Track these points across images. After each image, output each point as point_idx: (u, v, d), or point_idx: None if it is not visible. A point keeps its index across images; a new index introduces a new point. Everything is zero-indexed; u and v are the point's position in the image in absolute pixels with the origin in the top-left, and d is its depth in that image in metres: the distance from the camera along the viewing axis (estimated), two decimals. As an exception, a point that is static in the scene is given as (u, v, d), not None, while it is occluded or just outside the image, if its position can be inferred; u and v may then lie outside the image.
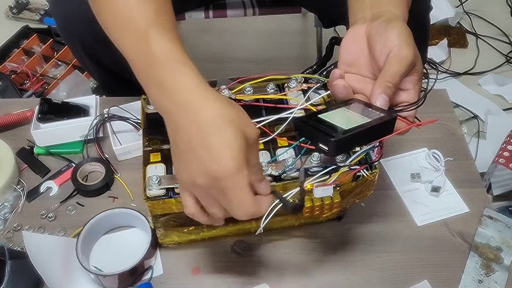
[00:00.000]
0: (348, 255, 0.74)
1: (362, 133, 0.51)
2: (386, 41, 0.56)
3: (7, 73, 1.49)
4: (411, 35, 0.57)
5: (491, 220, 0.78)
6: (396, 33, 0.56)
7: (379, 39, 0.57)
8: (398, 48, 0.55)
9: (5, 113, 0.90)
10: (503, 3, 1.89)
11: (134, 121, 0.85)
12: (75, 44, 0.97)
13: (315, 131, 0.52)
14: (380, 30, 0.57)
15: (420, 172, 0.83)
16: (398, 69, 0.55)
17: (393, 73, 0.55)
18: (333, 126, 0.52)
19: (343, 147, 0.53)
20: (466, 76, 1.65)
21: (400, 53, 0.55)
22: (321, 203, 0.63)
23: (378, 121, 0.53)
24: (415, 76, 0.57)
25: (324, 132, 0.51)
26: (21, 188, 0.81)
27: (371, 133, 0.53)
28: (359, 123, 0.52)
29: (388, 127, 0.55)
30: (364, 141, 0.56)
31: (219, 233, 0.73)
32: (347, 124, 0.52)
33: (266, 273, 0.72)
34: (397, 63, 0.55)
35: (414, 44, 0.56)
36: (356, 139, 0.52)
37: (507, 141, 1.21)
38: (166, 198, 0.62)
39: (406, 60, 0.55)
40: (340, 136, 0.50)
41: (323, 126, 0.52)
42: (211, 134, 0.47)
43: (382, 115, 0.53)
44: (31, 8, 1.87)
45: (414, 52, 0.55)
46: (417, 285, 0.71)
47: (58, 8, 0.92)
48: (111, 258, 0.72)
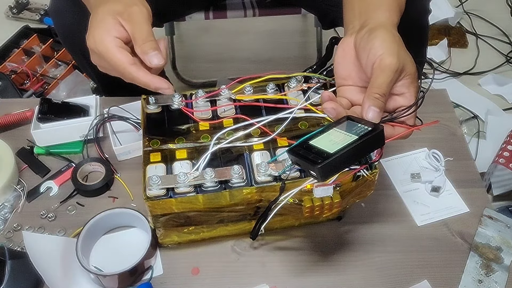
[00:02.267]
0: (348, 255, 0.74)
1: (349, 153, 0.53)
2: (369, 52, 0.57)
3: (7, 73, 1.49)
4: (395, 41, 0.57)
5: (491, 220, 0.78)
6: (378, 43, 0.57)
7: (363, 51, 0.58)
8: (381, 59, 0.56)
9: (5, 113, 0.90)
10: (503, 3, 1.89)
11: (134, 121, 0.85)
12: (76, 52, 0.99)
13: (305, 159, 0.54)
14: (363, 42, 0.58)
15: (420, 172, 0.83)
16: (383, 79, 0.55)
17: (379, 84, 0.55)
18: (320, 152, 0.53)
19: (332, 170, 0.54)
20: (466, 76, 1.65)
21: (383, 63, 0.55)
22: (321, 203, 0.63)
23: (364, 137, 0.53)
24: (407, 80, 0.57)
25: (311, 160, 0.53)
26: (21, 188, 0.81)
27: (360, 149, 0.54)
28: (346, 143, 0.53)
29: (378, 139, 0.55)
30: (354, 158, 0.57)
31: (219, 233, 0.73)
32: (334, 146, 0.53)
33: (266, 273, 0.72)
34: (381, 73, 0.55)
35: (398, 50, 0.57)
36: (343, 160, 0.53)
37: (507, 141, 1.22)
38: (166, 198, 0.62)
39: (390, 69, 0.55)
40: (325, 162, 0.52)
41: (312, 153, 0.54)
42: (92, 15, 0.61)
43: (369, 129, 0.54)
44: (31, 8, 1.87)
45: (398, 59, 0.56)
46: (417, 285, 0.71)
47: (59, 17, 0.93)
48: (111, 258, 0.72)
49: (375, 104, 0.55)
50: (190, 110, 0.71)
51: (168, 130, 0.70)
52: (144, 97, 0.73)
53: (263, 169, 0.63)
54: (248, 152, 0.67)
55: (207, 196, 0.63)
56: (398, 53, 0.56)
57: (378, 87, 0.55)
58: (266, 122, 0.65)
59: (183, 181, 0.62)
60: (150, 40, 0.59)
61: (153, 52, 0.59)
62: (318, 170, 0.52)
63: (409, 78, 0.57)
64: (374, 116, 0.55)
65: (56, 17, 0.93)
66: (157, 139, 0.69)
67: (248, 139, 0.68)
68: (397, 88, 0.58)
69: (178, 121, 0.71)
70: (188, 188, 0.63)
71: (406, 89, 0.58)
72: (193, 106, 0.72)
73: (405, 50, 0.58)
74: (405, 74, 0.57)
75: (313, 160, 0.53)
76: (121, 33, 0.60)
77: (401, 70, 0.56)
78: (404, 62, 0.56)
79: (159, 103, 0.72)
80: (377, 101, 0.55)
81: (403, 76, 0.57)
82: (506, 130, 1.28)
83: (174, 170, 0.65)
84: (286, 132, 0.68)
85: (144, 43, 0.59)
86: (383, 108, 0.56)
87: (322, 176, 0.53)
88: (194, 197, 0.63)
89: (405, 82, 0.57)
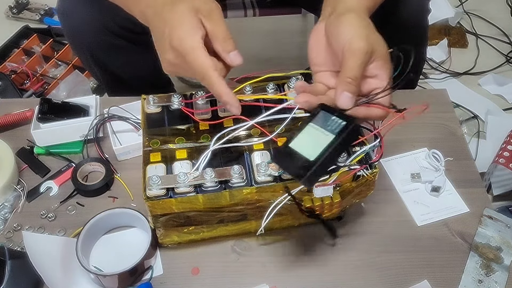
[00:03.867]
0: (348, 255, 0.74)
1: (329, 156, 0.54)
2: (338, 37, 0.58)
3: (7, 73, 1.50)
4: (363, 25, 0.58)
5: (491, 220, 0.78)
6: (346, 27, 0.57)
7: (332, 36, 0.59)
8: (350, 43, 0.56)
9: (5, 113, 0.90)
10: (503, 3, 1.89)
11: (134, 121, 0.85)
12: (83, 53, 0.99)
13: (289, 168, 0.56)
14: (332, 27, 0.59)
15: (420, 172, 0.83)
16: (353, 63, 0.56)
17: (350, 68, 0.56)
18: (302, 159, 0.54)
19: (317, 177, 0.56)
20: (466, 76, 1.65)
21: (351, 47, 0.56)
22: (321, 203, 0.63)
23: (341, 135, 0.54)
24: (378, 62, 0.58)
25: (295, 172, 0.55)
26: (21, 188, 0.81)
27: (340, 148, 0.55)
28: (324, 146, 0.54)
29: (354, 133, 0.56)
30: (335, 158, 0.58)
31: (219, 233, 0.73)
32: (314, 150, 0.54)
33: (266, 273, 0.72)
34: (351, 57, 0.56)
35: (367, 33, 0.57)
36: (325, 164, 0.55)
37: (507, 141, 1.22)
38: (166, 198, 0.62)
39: (360, 52, 0.56)
40: (308, 174, 0.53)
41: (293, 161, 0.55)
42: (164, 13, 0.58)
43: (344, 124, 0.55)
44: (31, 8, 1.87)
45: (367, 41, 0.56)
46: (417, 285, 0.71)
47: (67, 18, 0.93)
48: (111, 258, 0.72)
49: (347, 88, 0.56)
50: (190, 110, 0.71)
51: (168, 130, 0.70)
52: (144, 97, 0.73)
53: (263, 169, 0.63)
54: (248, 152, 0.67)
55: (207, 196, 0.63)
56: (366, 35, 0.57)
57: (349, 71, 0.56)
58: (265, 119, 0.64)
59: (183, 181, 0.62)
60: (230, 38, 0.58)
61: (235, 51, 0.58)
62: (304, 182, 0.54)
63: (381, 60, 0.58)
64: (347, 101, 0.56)
65: (64, 18, 0.94)
66: (157, 139, 0.69)
67: (248, 139, 0.68)
68: (370, 70, 0.58)
69: (178, 121, 0.71)
70: (188, 188, 0.63)
71: (378, 71, 0.58)
72: (193, 106, 0.72)
73: (374, 32, 0.58)
74: (376, 56, 0.57)
75: (297, 172, 0.54)
76: (203, 32, 0.58)
77: (371, 52, 0.56)
78: (373, 44, 0.57)
79: (159, 103, 0.72)
80: (349, 85, 0.56)
81: (374, 58, 0.57)
82: (506, 130, 1.28)
83: (174, 170, 0.65)
84: (286, 132, 0.68)
85: (225, 41, 0.58)
86: (356, 92, 0.57)
87: (309, 185, 0.56)
88: (194, 197, 0.63)
89: (377, 64, 0.58)
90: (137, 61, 1.01)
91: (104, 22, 0.90)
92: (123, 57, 0.99)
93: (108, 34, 0.92)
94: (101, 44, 0.95)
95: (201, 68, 0.57)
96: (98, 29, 0.91)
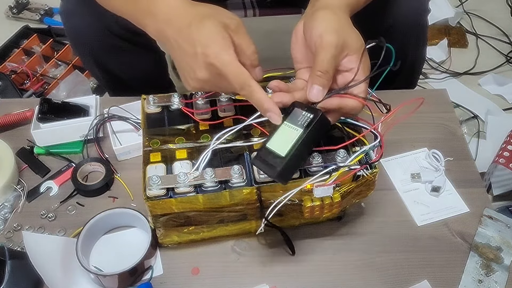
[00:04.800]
0: (348, 255, 0.74)
1: (299, 149, 0.55)
2: (311, 33, 0.59)
3: (7, 73, 1.50)
4: (335, 19, 0.59)
5: (491, 220, 0.78)
6: (318, 23, 0.58)
7: (307, 32, 0.60)
8: (320, 37, 0.57)
9: (5, 113, 0.90)
10: (503, 3, 1.89)
11: (134, 121, 0.85)
12: (85, 54, 1.00)
13: (264, 167, 0.57)
14: (306, 24, 0.61)
15: (420, 172, 0.83)
16: (323, 56, 0.57)
17: (320, 62, 0.57)
18: (275, 156, 0.56)
19: (289, 173, 0.57)
20: (466, 76, 1.65)
21: (322, 40, 0.57)
22: (321, 203, 0.63)
23: (308, 127, 0.55)
24: (353, 56, 0.58)
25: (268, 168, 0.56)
26: (21, 188, 0.81)
27: (309, 141, 0.56)
28: (294, 140, 0.55)
29: (322, 123, 0.57)
30: (307, 151, 0.59)
31: (219, 233, 0.73)
32: (285, 146, 0.55)
33: (266, 273, 0.72)
34: (322, 51, 0.57)
35: (339, 27, 0.58)
36: (296, 158, 0.56)
37: (507, 141, 1.21)
38: (166, 198, 0.62)
39: (330, 45, 0.57)
40: (278, 169, 0.54)
41: (268, 158, 0.56)
42: (193, 32, 0.57)
43: (311, 117, 0.56)
44: (31, 8, 1.87)
45: (337, 35, 0.57)
46: (417, 285, 0.71)
47: (69, 19, 0.94)
48: (111, 258, 0.72)
49: (317, 82, 0.57)
50: (190, 110, 0.71)
51: (168, 130, 0.70)
52: (144, 97, 0.73)
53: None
54: (248, 152, 0.67)
55: (207, 196, 0.63)
56: (337, 30, 0.58)
57: (319, 65, 0.57)
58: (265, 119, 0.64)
59: (183, 181, 0.62)
60: (256, 53, 0.59)
61: (259, 66, 0.60)
62: (277, 178, 0.55)
63: (355, 54, 0.58)
64: (317, 94, 0.57)
65: (67, 18, 0.94)
66: (157, 139, 0.69)
67: (248, 139, 0.68)
68: (344, 64, 0.59)
69: (178, 121, 0.71)
70: (188, 188, 0.63)
71: (353, 65, 0.59)
72: (193, 106, 0.72)
73: (349, 28, 0.59)
74: (349, 50, 0.58)
75: (270, 169, 0.55)
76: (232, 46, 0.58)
77: (342, 45, 0.57)
78: (345, 38, 0.58)
79: (159, 103, 0.72)
80: (319, 79, 0.57)
81: (347, 52, 0.58)
82: (506, 130, 1.28)
83: (174, 170, 0.65)
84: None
85: (253, 55, 0.59)
86: (327, 86, 0.58)
87: (283, 181, 0.56)
88: (194, 197, 0.63)
89: (351, 58, 0.59)
90: (138, 62, 1.01)
91: (107, 24, 0.90)
92: (124, 58, 0.99)
93: (110, 35, 0.92)
94: (103, 45, 0.95)
95: (240, 79, 0.57)
96: (100, 30, 0.91)
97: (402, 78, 1.03)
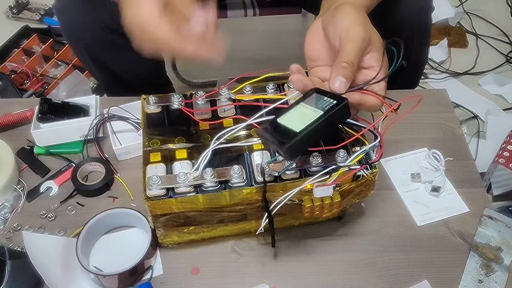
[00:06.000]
0: (348, 255, 0.74)
1: (315, 129, 0.54)
2: (336, 26, 0.58)
3: (7, 73, 1.50)
4: (360, 15, 0.59)
5: (491, 220, 0.78)
6: (343, 16, 0.58)
7: (329, 27, 0.59)
8: (347, 30, 0.57)
9: (5, 113, 0.90)
10: (503, 3, 1.89)
11: (134, 121, 0.85)
12: (80, 50, 0.99)
13: (273, 139, 0.55)
14: (330, 18, 0.60)
15: (420, 172, 0.83)
16: (350, 48, 0.56)
17: (346, 53, 0.56)
18: (287, 131, 0.54)
19: (299, 149, 0.55)
20: (466, 76, 1.65)
21: (349, 33, 0.57)
22: (321, 203, 0.63)
23: (329, 112, 0.54)
24: (375, 53, 0.58)
25: (278, 140, 0.54)
26: (21, 188, 0.81)
27: (326, 124, 0.55)
28: (312, 120, 0.54)
29: (343, 111, 0.56)
30: (321, 134, 0.57)
31: (219, 233, 0.73)
32: (300, 124, 0.54)
33: (266, 273, 0.72)
34: (348, 42, 0.57)
35: (365, 23, 0.58)
36: (310, 137, 0.54)
37: (507, 141, 1.21)
38: (166, 198, 0.62)
39: (356, 38, 0.56)
40: (291, 142, 0.53)
41: (279, 132, 0.55)
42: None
43: (334, 103, 0.55)
44: (31, 8, 1.87)
45: (364, 29, 0.57)
46: (417, 285, 0.71)
47: (64, 15, 0.93)
48: (111, 258, 0.72)
49: (342, 73, 0.56)
50: (190, 110, 0.71)
51: (168, 130, 0.70)
52: (144, 97, 0.73)
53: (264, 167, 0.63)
54: (248, 152, 0.67)
55: (207, 196, 0.63)
56: (364, 23, 0.58)
57: (345, 56, 0.56)
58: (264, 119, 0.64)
59: (183, 181, 0.62)
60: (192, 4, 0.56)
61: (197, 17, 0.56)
62: (285, 151, 0.53)
63: (377, 51, 0.58)
64: (340, 86, 0.56)
65: (61, 15, 0.94)
66: (157, 139, 0.69)
67: (248, 139, 0.68)
68: (366, 61, 0.59)
69: (178, 121, 0.71)
70: (188, 188, 0.63)
71: (374, 62, 0.58)
72: (193, 106, 0.72)
73: (370, 24, 0.59)
74: (372, 47, 0.58)
75: (280, 140, 0.54)
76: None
77: (368, 40, 0.57)
78: (370, 33, 0.58)
79: (159, 103, 0.72)
80: (344, 70, 0.56)
81: (370, 49, 0.58)
82: (506, 130, 1.28)
83: (174, 170, 0.65)
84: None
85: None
86: (351, 78, 0.57)
87: (290, 156, 0.55)
88: (194, 197, 0.63)
89: (373, 55, 0.58)
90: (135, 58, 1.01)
91: (102, 19, 0.90)
92: (120, 54, 0.99)
93: (105, 31, 0.91)
94: (99, 41, 0.94)
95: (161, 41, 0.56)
96: (96, 26, 0.91)
97: (404, 78, 1.03)
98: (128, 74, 1.05)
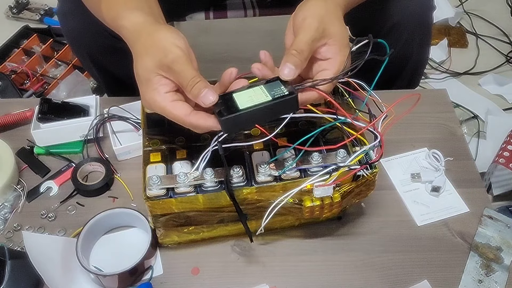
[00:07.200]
0: (348, 255, 0.74)
1: (257, 111, 0.55)
2: (296, 16, 0.60)
3: (7, 73, 1.50)
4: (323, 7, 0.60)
5: (491, 220, 0.78)
6: (305, 7, 0.60)
7: (294, 17, 0.61)
8: (303, 19, 0.59)
9: (5, 113, 0.90)
10: (503, 3, 1.89)
11: (134, 121, 0.85)
12: (83, 55, 1.00)
13: (217, 108, 0.56)
14: (297, 9, 0.62)
15: (420, 172, 0.83)
16: (301, 36, 0.58)
17: (297, 41, 0.58)
18: (232, 105, 0.56)
19: (236, 126, 0.57)
20: (466, 76, 1.65)
21: (304, 22, 0.58)
22: (321, 203, 0.63)
23: (277, 100, 0.55)
24: (332, 46, 0.59)
25: (220, 110, 0.55)
26: (21, 188, 0.81)
27: (270, 110, 0.56)
28: (258, 102, 0.55)
29: (290, 103, 0.57)
30: (263, 118, 0.58)
31: (219, 233, 0.73)
32: (248, 103, 0.55)
33: (266, 273, 0.72)
34: (301, 31, 0.58)
35: (324, 14, 0.59)
36: (249, 118, 0.56)
37: (507, 141, 1.21)
38: (166, 198, 0.62)
39: (309, 27, 0.58)
40: (228, 116, 0.54)
41: (226, 105, 0.56)
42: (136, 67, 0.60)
43: (285, 93, 0.56)
44: (31, 8, 1.87)
45: (320, 20, 0.58)
46: (417, 285, 0.71)
47: (67, 21, 0.94)
48: (111, 258, 0.72)
49: (291, 60, 0.57)
50: (190, 110, 0.71)
51: (168, 130, 0.70)
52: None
53: (263, 169, 0.63)
54: (248, 152, 0.67)
55: (207, 196, 0.63)
56: (321, 16, 0.58)
57: (295, 44, 0.58)
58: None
59: (183, 181, 0.62)
60: (196, 82, 0.56)
61: (203, 92, 0.55)
62: (221, 123, 0.55)
63: (335, 44, 0.59)
64: (289, 73, 0.57)
65: (64, 20, 0.94)
66: (157, 139, 0.69)
67: (248, 139, 0.68)
68: (322, 53, 0.59)
69: (178, 121, 0.71)
70: (188, 188, 0.63)
71: (331, 55, 0.59)
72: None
73: (335, 18, 0.60)
74: (329, 39, 0.59)
75: (221, 112, 0.55)
76: (169, 85, 0.58)
77: (323, 31, 0.58)
78: (327, 26, 0.58)
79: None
80: (293, 57, 0.57)
81: (327, 41, 0.59)
82: (506, 130, 1.28)
83: (174, 170, 0.65)
84: (286, 132, 0.68)
85: (191, 88, 0.56)
86: (300, 66, 0.58)
87: (225, 129, 0.56)
88: (194, 197, 0.63)
89: (330, 48, 0.59)
90: None
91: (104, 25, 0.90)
92: (122, 59, 0.99)
93: (107, 36, 0.92)
94: (101, 46, 0.95)
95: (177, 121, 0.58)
96: (98, 31, 0.91)
97: (404, 78, 1.02)
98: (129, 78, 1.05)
